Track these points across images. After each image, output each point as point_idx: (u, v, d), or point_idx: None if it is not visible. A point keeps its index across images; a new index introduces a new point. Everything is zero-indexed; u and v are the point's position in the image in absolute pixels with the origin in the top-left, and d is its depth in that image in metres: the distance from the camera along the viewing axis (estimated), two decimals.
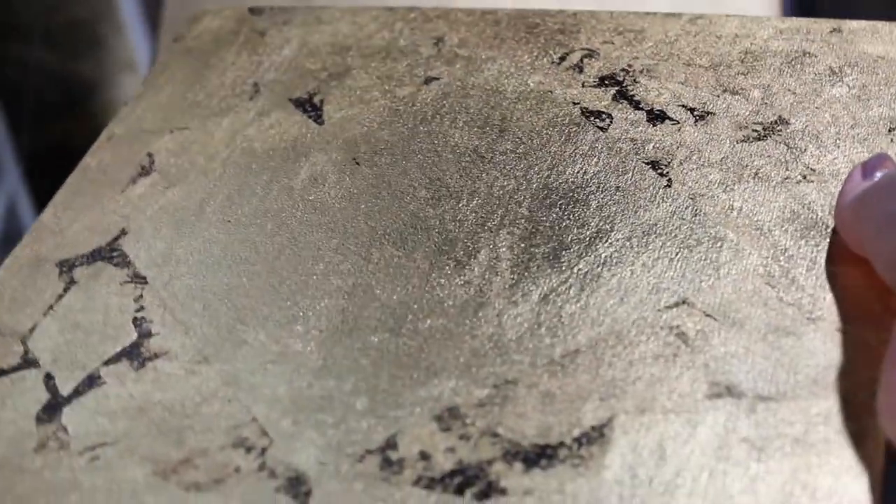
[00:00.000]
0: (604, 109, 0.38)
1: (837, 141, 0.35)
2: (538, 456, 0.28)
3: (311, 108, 0.40)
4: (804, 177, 0.34)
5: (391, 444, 0.29)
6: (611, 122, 0.37)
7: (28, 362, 0.33)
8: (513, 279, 0.33)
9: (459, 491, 0.27)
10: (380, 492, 0.28)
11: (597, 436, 0.28)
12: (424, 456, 0.28)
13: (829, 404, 0.28)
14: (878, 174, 0.31)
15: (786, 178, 0.34)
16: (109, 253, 0.36)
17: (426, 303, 0.32)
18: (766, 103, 0.37)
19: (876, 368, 0.28)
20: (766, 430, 0.27)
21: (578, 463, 0.28)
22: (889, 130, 0.35)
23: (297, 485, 0.28)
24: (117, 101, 1.03)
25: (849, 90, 0.37)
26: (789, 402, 0.28)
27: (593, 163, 0.36)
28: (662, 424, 0.28)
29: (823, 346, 0.29)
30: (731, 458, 0.27)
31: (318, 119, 0.40)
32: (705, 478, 0.27)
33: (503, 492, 0.27)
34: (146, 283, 0.35)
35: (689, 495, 0.26)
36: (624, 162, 0.36)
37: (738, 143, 0.36)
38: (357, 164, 0.38)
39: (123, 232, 0.37)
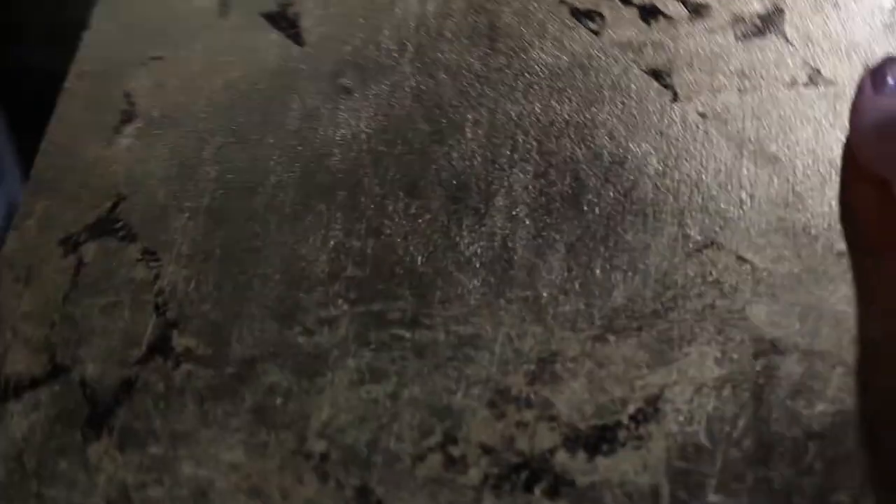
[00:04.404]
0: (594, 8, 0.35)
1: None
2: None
3: (286, 24, 0.37)
4: (810, 78, 0.33)
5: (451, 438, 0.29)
6: (603, 22, 0.35)
7: (58, 367, 0.32)
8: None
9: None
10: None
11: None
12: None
13: None
14: (891, 81, 0.29)
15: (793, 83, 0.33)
16: (112, 225, 0.34)
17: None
18: None
19: None
20: None
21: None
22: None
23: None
24: None
25: None
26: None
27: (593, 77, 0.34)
28: None
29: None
30: None
31: (298, 39, 0.37)
32: None
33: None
34: (159, 261, 0.33)
35: None
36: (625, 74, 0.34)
37: (737, 40, 0.34)
38: (348, 91, 0.35)
39: (120, 197, 0.35)
